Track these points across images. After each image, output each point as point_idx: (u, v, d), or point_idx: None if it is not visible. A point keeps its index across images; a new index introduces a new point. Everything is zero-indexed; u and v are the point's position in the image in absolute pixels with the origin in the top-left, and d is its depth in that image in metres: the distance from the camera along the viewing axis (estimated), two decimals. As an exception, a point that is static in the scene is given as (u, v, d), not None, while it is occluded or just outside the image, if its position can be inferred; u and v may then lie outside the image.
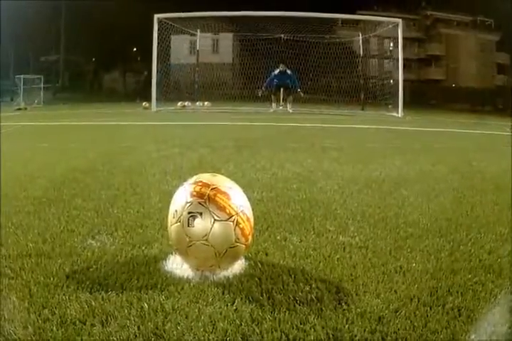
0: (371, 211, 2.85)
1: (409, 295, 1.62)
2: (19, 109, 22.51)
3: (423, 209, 2.94)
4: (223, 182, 1.83)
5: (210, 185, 1.75)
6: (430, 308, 1.54)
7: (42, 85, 29.84)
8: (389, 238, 2.30)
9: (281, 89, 20.24)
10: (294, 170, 4.36)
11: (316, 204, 2.99)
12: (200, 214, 1.69)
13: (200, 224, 1.68)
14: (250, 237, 1.82)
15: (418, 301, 1.59)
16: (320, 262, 1.94)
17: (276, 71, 19.95)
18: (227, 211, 1.72)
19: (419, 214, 2.81)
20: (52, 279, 1.73)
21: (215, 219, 1.70)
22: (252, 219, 1.83)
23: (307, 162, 4.88)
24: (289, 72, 19.96)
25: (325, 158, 5.17)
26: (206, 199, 1.68)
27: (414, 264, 1.94)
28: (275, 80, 19.77)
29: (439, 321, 1.45)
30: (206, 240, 1.69)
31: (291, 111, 19.33)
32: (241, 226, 1.74)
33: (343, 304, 1.55)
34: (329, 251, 2.08)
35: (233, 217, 1.73)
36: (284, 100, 20.54)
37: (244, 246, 1.78)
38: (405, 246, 2.19)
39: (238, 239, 1.74)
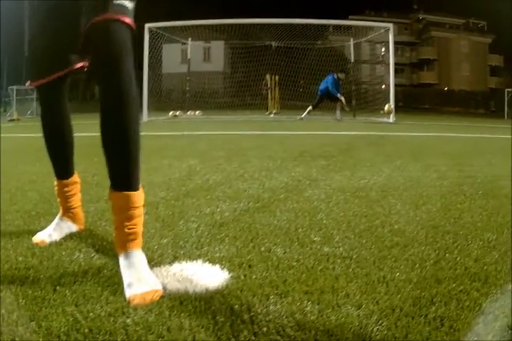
0: (357, 220, 2.84)
1: (392, 306, 1.61)
2: (12, 120, 22.54)
3: (410, 217, 2.93)
4: None
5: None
6: (412, 319, 1.52)
7: (35, 96, 29.77)
8: (373, 247, 2.29)
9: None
10: (282, 179, 4.34)
11: (302, 215, 2.98)
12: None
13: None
14: None
15: (400, 311, 1.57)
16: (303, 273, 1.93)
17: (334, 76, 19.65)
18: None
19: (406, 222, 2.80)
20: (39, 292, 1.72)
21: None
22: None
23: (295, 171, 4.87)
24: (340, 83, 19.76)
25: (313, 167, 5.16)
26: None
27: (397, 274, 1.92)
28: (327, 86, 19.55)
29: (421, 332, 1.44)
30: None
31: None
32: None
33: (324, 316, 1.54)
34: (312, 263, 2.06)
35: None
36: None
37: None
38: (389, 255, 2.17)
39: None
